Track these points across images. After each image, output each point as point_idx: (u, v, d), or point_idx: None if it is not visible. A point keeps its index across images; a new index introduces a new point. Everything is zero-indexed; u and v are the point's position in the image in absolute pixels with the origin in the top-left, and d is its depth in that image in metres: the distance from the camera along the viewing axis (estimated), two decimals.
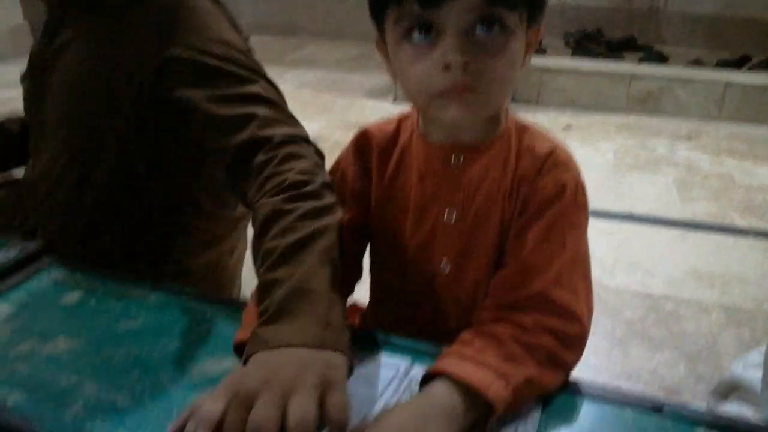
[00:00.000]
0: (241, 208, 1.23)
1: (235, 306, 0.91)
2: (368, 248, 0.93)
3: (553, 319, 0.73)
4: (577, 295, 0.76)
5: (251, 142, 0.91)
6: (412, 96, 0.79)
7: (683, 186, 2.56)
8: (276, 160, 0.88)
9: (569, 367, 0.75)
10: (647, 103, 3.58)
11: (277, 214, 0.80)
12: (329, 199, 0.83)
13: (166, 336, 0.86)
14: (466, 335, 0.73)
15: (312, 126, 0.93)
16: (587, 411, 0.73)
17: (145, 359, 0.82)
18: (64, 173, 1.08)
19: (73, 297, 0.96)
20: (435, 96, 0.74)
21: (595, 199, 2.41)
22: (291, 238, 0.76)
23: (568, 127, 3.26)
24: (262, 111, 0.94)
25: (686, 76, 3.57)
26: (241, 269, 1.32)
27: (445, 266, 0.85)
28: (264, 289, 0.73)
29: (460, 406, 0.65)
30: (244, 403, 0.57)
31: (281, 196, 0.82)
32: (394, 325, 0.88)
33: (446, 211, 0.83)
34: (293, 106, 1.00)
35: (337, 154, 0.93)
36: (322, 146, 0.95)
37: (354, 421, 0.62)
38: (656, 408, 0.73)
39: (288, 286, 0.70)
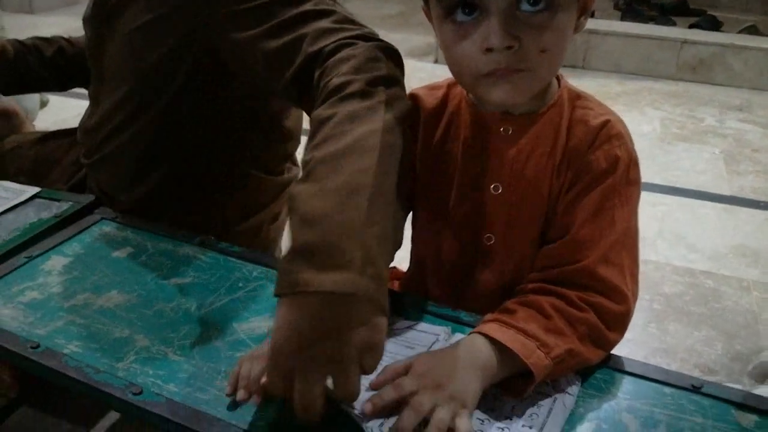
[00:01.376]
0: (285, 175, 1.24)
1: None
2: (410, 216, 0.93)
3: (598, 296, 0.73)
4: (623, 274, 0.75)
5: (306, 62, 0.84)
6: (456, 74, 0.77)
7: (731, 159, 2.49)
8: (326, 71, 0.79)
9: (610, 345, 0.75)
10: (698, 70, 3.46)
11: (317, 125, 0.71)
12: (378, 96, 0.72)
13: (214, 293, 0.89)
14: (509, 304, 0.74)
15: None
16: (626, 387, 0.74)
17: (194, 316, 0.85)
18: (121, 123, 1.09)
19: (123, 252, 0.99)
20: (479, 76, 0.72)
21: (641, 171, 2.36)
22: (325, 150, 0.66)
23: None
24: (312, 27, 0.86)
25: (740, 43, 3.44)
26: (281, 235, 1.34)
27: (490, 239, 0.84)
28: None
29: (493, 361, 0.67)
30: (288, 373, 0.59)
31: (322, 105, 0.74)
32: (433, 295, 0.89)
33: (493, 183, 0.82)
34: None
35: None
36: None
37: None
38: (695, 387, 0.73)
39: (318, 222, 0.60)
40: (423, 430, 0.61)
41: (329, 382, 0.60)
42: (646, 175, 2.29)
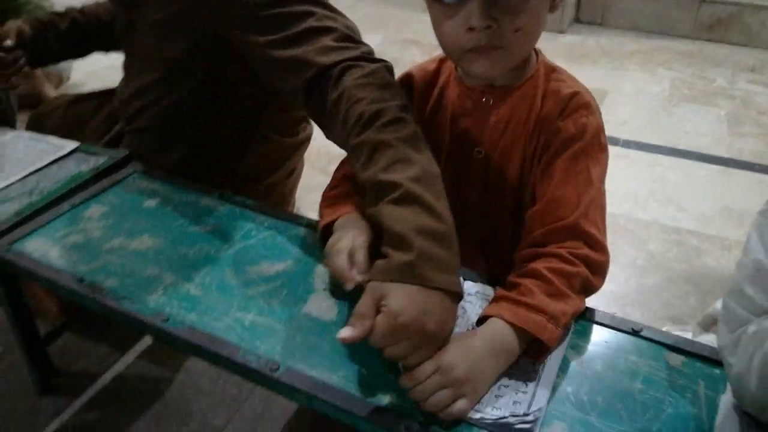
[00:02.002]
0: (300, 135, 1.36)
1: (291, 220, 1.07)
2: None
3: (585, 248, 0.81)
4: (599, 228, 0.84)
5: (315, 77, 0.97)
6: (443, 48, 0.85)
7: (735, 120, 2.54)
8: (346, 95, 0.90)
9: (594, 292, 0.83)
10: (714, 30, 3.46)
11: (373, 148, 0.83)
12: (411, 121, 0.86)
13: (230, 240, 1.03)
14: (512, 278, 0.81)
15: (369, 41, 1.01)
16: (574, 329, 0.86)
17: (213, 258, 0.99)
18: (151, 101, 1.22)
19: (153, 202, 1.13)
20: (463, 51, 0.81)
21: (642, 131, 2.42)
22: (404, 173, 0.79)
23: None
24: (317, 45, 1.00)
25: (759, 2, 3.41)
26: (296, 188, 1.48)
27: (472, 196, 0.94)
28: (391, 221, 0.76)
29: (513, 343, 0.74)
30: (408, 346, 0.70)
31: (367, 131, 0.85)
32: None
33: (476, 147, 0.91)
34: (353, 19, 1.05)
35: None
36: None
37: None
38: (635, 331, 0.85)
39: (428, 227, 0.74)
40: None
41: None
42: (650, 135, 2.36)
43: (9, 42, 1.28)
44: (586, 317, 0.86)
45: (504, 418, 0.71)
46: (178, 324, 0.86)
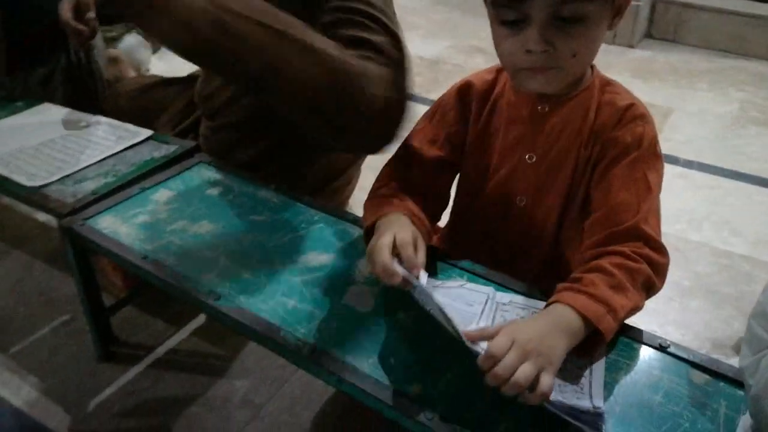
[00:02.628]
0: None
1: (338, 215, 1.14)
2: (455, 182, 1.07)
3: (647, 249, 0.83)
4: (658, 234, 0.86)
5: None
6: (502, 63, 0.91)
7: None
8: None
9: (655, 292, 0.85)
10: None
11: None
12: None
13: (281, 230, 1.11)
14: (576, 274, 0.83)
15: (436, 46, 1.07)
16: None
17: (264, 246, 1.07)
18: (231, 98, 1.29)
19: (215, 191, 1.22)
20: (519, 70, 0.86)
21: (705, 151, 2.37)
22: None
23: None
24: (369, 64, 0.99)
25: None
26: (351, 193, 1.54)
27: (521, 200, 0.97)
28: None
29: (576, 326, 0.76)
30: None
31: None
32: (468, 249, 1.04)
33: (528, 152, 0.95)
34: (423, 23, 1.09)
35: (455, 77, 1.04)
36: (442, 68, 1.05)
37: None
38: (662, 347, 0.87)
39: None
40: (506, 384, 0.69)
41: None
42: (711, 157, 2.31)
43: (91, 14, 1.32)
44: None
45: (578, 406, 0.72)
46: (228, 303, 0.94)
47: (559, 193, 0.95)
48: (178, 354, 1.42)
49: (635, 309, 0.82)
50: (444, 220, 1.10)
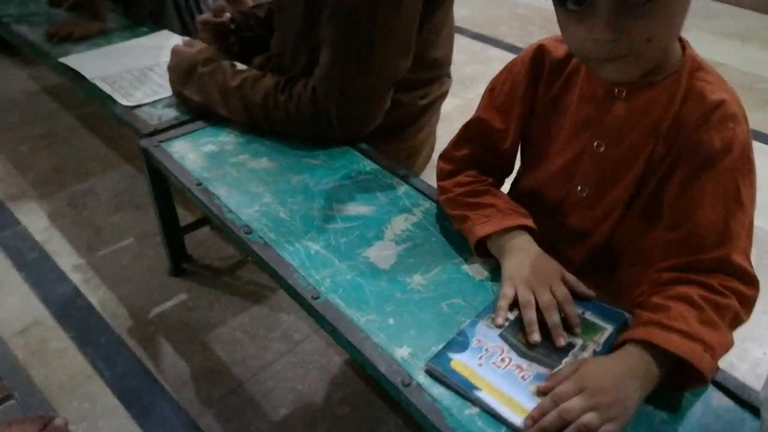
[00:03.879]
0: (432, 95, 1.36)
1: (390, 169, 1.13)
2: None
3: (736, 281, 0.74)
4: (748, 257, 0.76)
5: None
6: (571, 51, 0.80)
7: None
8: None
9: (740, 326, 0.76)
10: None
11: None
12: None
13: (331, 176, 1.11)
14: (659, 300, 0.74)
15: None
16: None
17: (309, 189, 1.08)
18: (295, 50, 1.31)
19: None
20: (588, 59, 0.74)
21: None
22: None
23: None
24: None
25: None
26: (428, 142, 1.50)
27: (582, 190, 0.87)
28: None
29: (657, 369, 0.69)
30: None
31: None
32: None
33: (597, 139, 0.83)
34: None
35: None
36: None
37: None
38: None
39: None
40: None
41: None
42: None
43: (227, 15, 1.40)
44: None
45: None
46: (256, 238, 0.97)
47: (625, 189, 0.83)
48: (238, 280, 1.50)
49: (727, 347, 0.73)
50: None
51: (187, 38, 1.44)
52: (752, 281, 0.75)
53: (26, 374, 0.92)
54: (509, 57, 0.97)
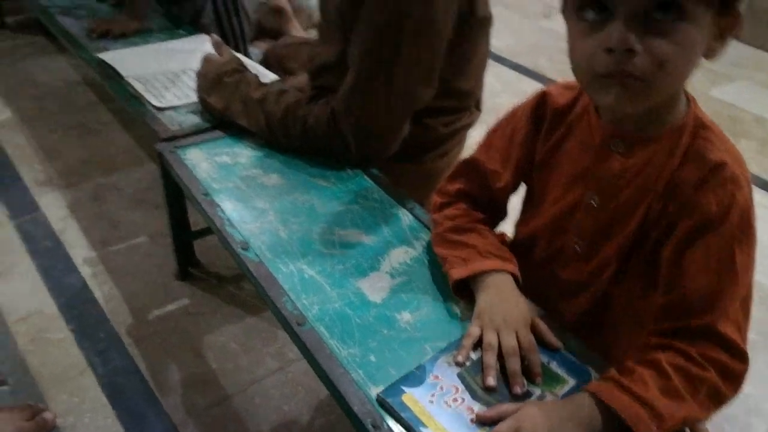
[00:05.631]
0: (458, 123, 1.35)
1: (399, 199, 1.12)
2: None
3: (720, 352, 0.71)
4: (740, 330, 0.73)
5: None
6: (575, 71, 0.74)
7: None
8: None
9: (725, 402, 0.72)
10: None
11: None
12: None
13: (337, 200, 1.10)
14: (629, 363, 0.73)
15: None
16: None
17: (313, 210, 1.08)
18: (339, 62, 1.32)
19: None
20: (595, 76, 0.69)
21: None
22: None
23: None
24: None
25: None
26: (448, 167, 1.49)
27: (576, 243, 0.85)
28: None
29: (600, 426, 0.68)
30: None
31: None
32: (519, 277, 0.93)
33: (592, 194, 0.81)
34: None
35: None
36: None
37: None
38: None
39: None
40: None
41: None
42: None
43: None
44: None
45: None
46: (252, 255, 0.97)
47: (620, 246, 0.81)
48: (241, 291, 1.50)
49: (691, 420, 0.71)
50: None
51: (219, 41, 1.45)
52: (740, 355, 0.72)
53: (22, 361, 0.93)
54: None
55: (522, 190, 0.95)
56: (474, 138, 1.39)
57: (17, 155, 2.01)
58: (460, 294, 0.88)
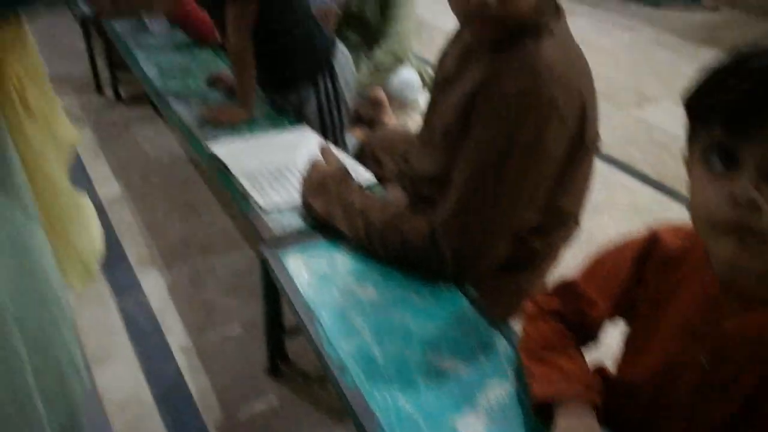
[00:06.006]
0: (542, 243, 1.33)
1: (498, 326, 1.09)
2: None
3: None
4: None
5: None
6: (693, 220, 0.72)
7: None
8: None
9: None
10: None
11: None
12: None
13: (433, 322, 1.10)
14: None
15: None
16: None
17: (409, 330, 1.07)
18: (441, 175, 1.29)
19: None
20: (714, 226, 0.67)
21: None
22: None
23: None
24: None
25: None
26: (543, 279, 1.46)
27: (679, 404, 0.81)
28: None
29: None
30: None
31: None
32: (617, 417, 0.89)
33: (700, 353, 0.78)
34: None
35: None
36: None
37: None
38: None
39: None
40: None
41: None
42: None
43: None
44: None
45: None
46: (348, 380, 0.97)
47: (729, 407, 0.77)
48: (327, 394, 1.50)
49: None
50: None
51: (327, 148, 1.51)
52: None
53: None
54: (637, 186, 0.95)
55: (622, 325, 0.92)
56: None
57: (122, 231, 2.13)
58: (538, 410, 0.87)
